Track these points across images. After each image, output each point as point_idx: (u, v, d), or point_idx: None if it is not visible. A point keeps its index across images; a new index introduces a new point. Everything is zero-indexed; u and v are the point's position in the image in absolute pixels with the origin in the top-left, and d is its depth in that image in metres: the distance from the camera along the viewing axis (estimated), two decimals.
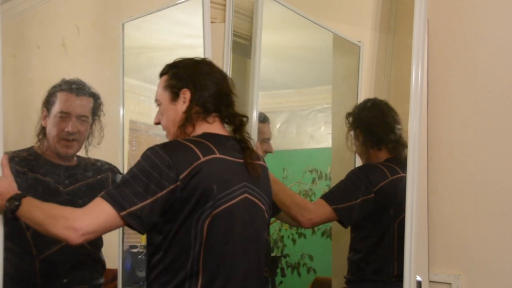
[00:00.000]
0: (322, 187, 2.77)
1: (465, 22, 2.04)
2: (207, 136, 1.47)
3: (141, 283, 2.35)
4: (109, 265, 2.06)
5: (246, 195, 1.45)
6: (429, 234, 1.98)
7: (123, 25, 2.42)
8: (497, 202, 1.90)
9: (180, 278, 1.36)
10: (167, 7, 2.33)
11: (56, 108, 1.85)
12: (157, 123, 1.59)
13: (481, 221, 1.93)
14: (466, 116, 2.00)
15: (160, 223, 1.37)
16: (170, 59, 1.60)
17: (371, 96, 2.21)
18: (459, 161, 2.00)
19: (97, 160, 1.99)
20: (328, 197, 1.89)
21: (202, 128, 1.50)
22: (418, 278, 1.90)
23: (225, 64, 2.15)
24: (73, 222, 1.30)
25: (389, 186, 1.87)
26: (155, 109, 2.28)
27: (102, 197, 1.34)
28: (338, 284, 2.01)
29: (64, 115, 1.84)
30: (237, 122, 1.54)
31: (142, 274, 2.36)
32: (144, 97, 2.58)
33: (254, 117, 2.14)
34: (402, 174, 1.88)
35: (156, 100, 1.59)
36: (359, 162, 2.17)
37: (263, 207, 1.52)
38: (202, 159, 1.38)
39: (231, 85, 1.58)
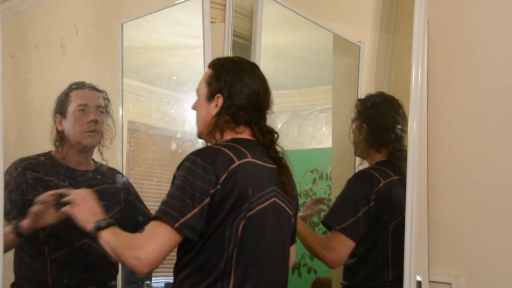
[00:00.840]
0: (322, 187, 2.77)
1: (465, 22, 2.04)
2: (236, 140, 1.48)
3: (140, 283, 2.35)
4: None
5: (275, 199, 1.46)
6: (429, 234, 1.98)
7: (122, 25, 2.41)
8: (497, 202, 1.90)
9: (212, 279, 1.36)
10: (167, 7, 2.33)
11: (73, 105, 1.87)
12: (194, 109, 1.59)
13: (481, 221, 1.93)
14: (466, 116, 2.00)
15: None
16: (169, 59, 1.59)
17: None
18: (459, 161, 2.00)
19: (112, 168, 2.02)
20: (333, 220, 1.85)
21: (230, 136, 1.50)
22: (418, 278, 1.89)
23: None
24: (138, 252, 1.30)
25: (383, 189, 1.84)
26: (154, 110, 2.28)
27: (155, 217, 1.34)
28: (338, 284, 2.01)
29: (84, 107, 1.86)
30: (267, 141, 1.52)
31: None
32: (143, 97, 2.58)
33: None
34: (394, 177, 1.87)
35: (197, 90, 1.58)
36: (359, 162, 2.17)
37: (290, 212, 1.53)
38: (237, 162, 1.39)
39: (269, 100, 1.55)
